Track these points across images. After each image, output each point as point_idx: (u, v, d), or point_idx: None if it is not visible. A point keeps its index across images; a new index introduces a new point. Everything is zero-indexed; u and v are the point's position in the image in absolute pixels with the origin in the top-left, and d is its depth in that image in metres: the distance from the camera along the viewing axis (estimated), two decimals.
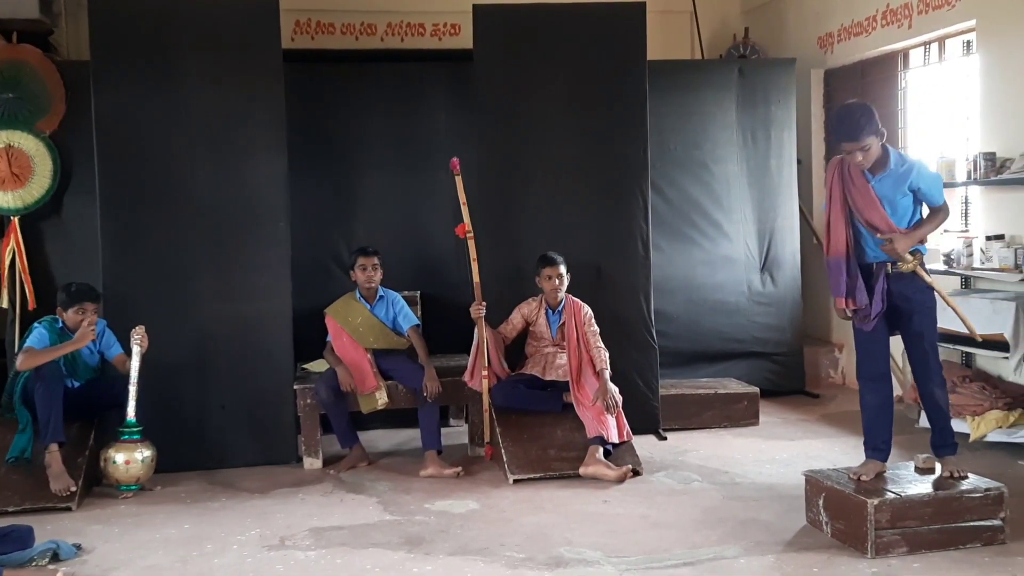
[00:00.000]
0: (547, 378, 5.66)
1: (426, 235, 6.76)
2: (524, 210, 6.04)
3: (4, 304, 6.29)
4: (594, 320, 5.64)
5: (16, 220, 6.27)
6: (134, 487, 5.13)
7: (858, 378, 4.54)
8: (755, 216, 7.20)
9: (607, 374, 5.45)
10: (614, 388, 5.43)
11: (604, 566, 3.99)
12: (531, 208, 6.04)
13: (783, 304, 7.25)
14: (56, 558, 4.17)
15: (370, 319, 5.71)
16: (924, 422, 5.26)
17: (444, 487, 5.17)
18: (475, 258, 5.57)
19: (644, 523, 4.51)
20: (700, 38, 8.56)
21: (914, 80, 7.03)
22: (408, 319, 5.79)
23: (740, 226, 7.17)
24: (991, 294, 5.68)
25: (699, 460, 5.57)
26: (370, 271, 5.70)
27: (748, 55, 8.25)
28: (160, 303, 5.54)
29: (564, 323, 5.65)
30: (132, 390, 5.13)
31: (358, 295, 5.76)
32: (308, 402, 5.63)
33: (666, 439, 6.05)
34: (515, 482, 5.16)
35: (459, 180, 5.58)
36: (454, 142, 6.43)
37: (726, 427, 6.30)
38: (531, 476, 5.20)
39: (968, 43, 6.34)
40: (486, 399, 5.60)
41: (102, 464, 5.12)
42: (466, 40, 6.56)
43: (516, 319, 5.76)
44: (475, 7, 6.01)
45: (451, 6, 7.83)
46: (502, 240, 5.96)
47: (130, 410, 5.13)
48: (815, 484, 4.35)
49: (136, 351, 5.15)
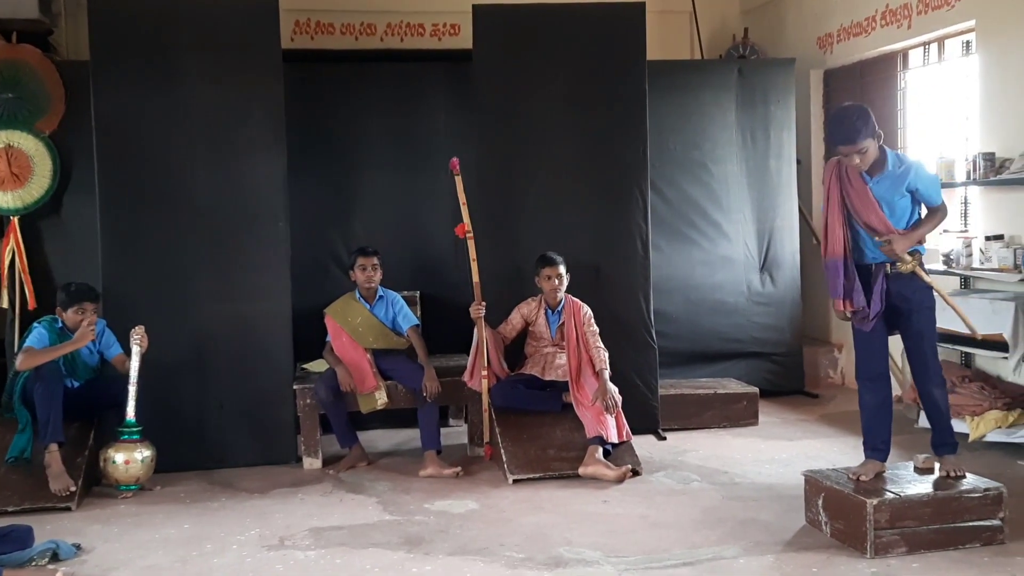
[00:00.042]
0: (546, 378, 5.66)
1: (426, 235, 6.77)
2: (524, 210, 6.04)
3: (4, 304, 6.29)
4: (593, 320, 5.64)
5: (16, 220, 6.27)
6: (133, 487, 5.13)
7: (857, 378, 4.54)
8: (754, 216, 7.20)
9: (606, 374, 5.45)
10: (613, 388, 5.43)
11: (603, 566, 3.99)
12: (531, 208, 6.04)
13: (782, 304, 7.25)
14: (56, 558, 4.17)
15: (370, 319, 5.71)
16: (923, 422, 5.27)
17: (443, 487, 5.17)
18: (475, 258, 5.57)
19: (643, 523, 4.51)
20: (699, 38, 8.56)
21: (913, 80, 7.02)
22: (407, 319, 5.79)
23: (739, 226, 7.17)
24: (990, 294, 5.68)
25: (698, 460, 5.57)
26: (370, 271, 5.70)
27: (747, 55, 8.25)
28: (159, 303, 5.54)
29: (563, 323, 5.65)
30: (132, 390, 5.13)
31: (358, 295, 5.76)
32: (308, 402, 5.63)
33: (665, 439, 6.05)
34: (514, 482, 5.16)
35: (459, 180, 5.58)
36: (454, 142, 6.43)
37: (725, 427, 6.30)
38: (530, 476, 5.20)
39: (967, 43, 6.33)
40: (485, 399, 5.60)
41: (102, 464, 5.12)
42: (466, 40, 6.56)
43: (515, 319, 5.76)
44: (475, 7, 6.01)
45: (451, 6, 7.83)
46: (502, 240, 5.96)
47: (130, 410, 5.13)
48: (814, 484, 4.35)
49: (136, 351, 5.15)
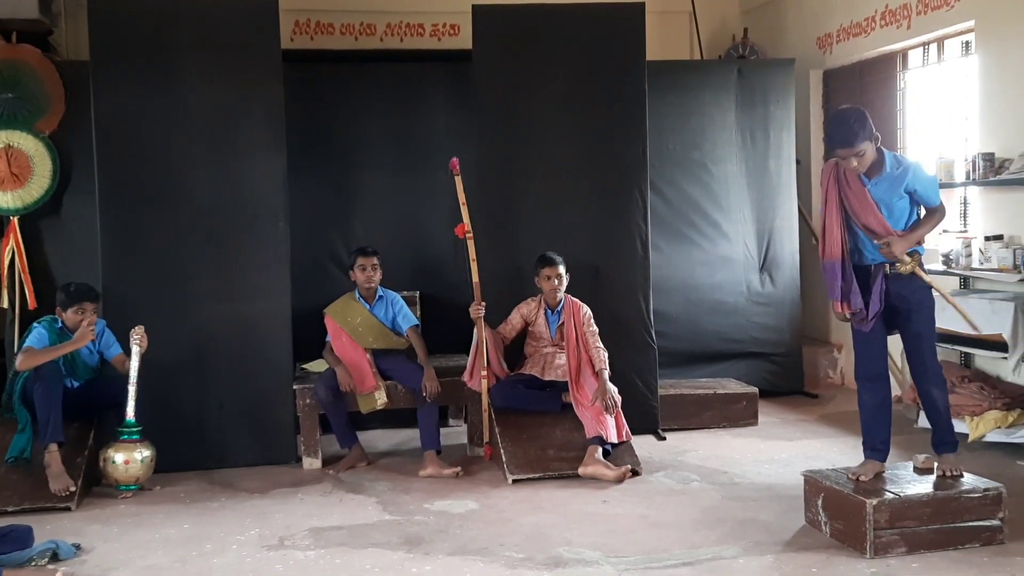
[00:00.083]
0: (546, 378, 5.66)
1: (425, 235, 6.77)
2: (523, 210, 6.04)
3: (4, 304, 6.29)
4: (593, 320, 5.64)
5: (15, 220, 6.27)
6: (133, 487, 5.13)
7: (856, 378, 4.54)
8: (754, 216, 7.20)
9: (606, 374, 5.45)
10: (613, 388, 5.43)
11: (603, 566, 3.99)
12: (530, 208, 6.04)
13: (782, 304, 7.25)
14: (55, 558, 4.17)
15: (369, 319, 5.71)
16: (923, 422, 5.27)
17: (443, 487, 5.17)
18: (474, 258, 5.57)
19: (643, 523, 4.51)
20: (699, 38, 8.56)
21: (913, 81, 7.02)
22: (407, 319, 5.79)
23: (739, 226, 7.17)
24: (990, 294, 5.68)
25: (698, 460, 5.57)
26: (369, 271, 5.70)
27: (747, 55, 8.25)
28: (159, 303, 5.54)
29: (563, 323, 5.65)
30: (131, 390, 5.13)
31: (357, 295, 5.76)
32: (307, 402, 5.63)
33: (665, 439, 6.05)
34: (514, 482, 5.16)
35: (458, 180, 5.58)
36: (453, 142, 6.43)
37: (725, 427, 6.30)
38: (530, 476, 5.20)
39: (967, 44, 6.33)
40: (485, 399, 5.60)
41: (101, 464, 5.12)
42: (465, 40, 6.56)
43: (515, 319, 5.76)
44: (474, 7, 6.01)
45: (450, 6, 7.84)
46: (501, 240, 5.96)
47: (129, 410, 5.13)
48: (814, 484, 4.35)
49: (135, 351, 5.15)
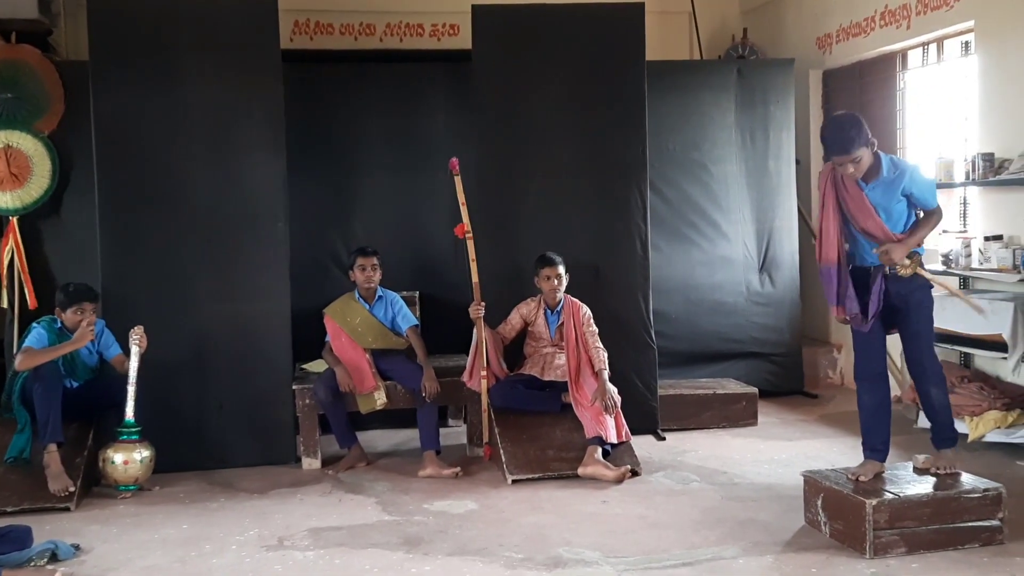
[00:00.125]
0: (546, 378, 5.66)
1: (425, 235, 6.77)
2: (523, 210, 6.04)
3: (3, 304, 6.29)
4: (593, 320, 5.64)
5: (15, 220, 6.27)
6: (132, 487, 5.13)
7: (856, 378, 4.54)
8: (754, 216, 7.20)
9: (605, 374, 5.45)
10: (613, 388, 5.43)
11: (603, 566, 3.99)
12: (530, 208, 6.04)
13: (781, 304, 7.25)
14: (54, 558, 4.17)
15: (369, 319, 5.71)
16: (923, 422, 5.28)
17: (443, 487, 5.17)
18: (474, 258, 5.57)
19: (643, 523, 4.51)
20: (699, 39, 8.56)
21: (913, 81, 7.03)
22: (407, 319, 5.78)
23: (739, 226, 7.17)
24: (989, 294, 5.68)
25: (698, 460, 5.57)
26: (369, 271, 5.70)
27: (747, 56, 8.25)
28: (159, 303, 5.53)
29: (563, 323, 5.65)
30: (131, 390, 5.13)
31: (357, 295, 5.76)
32: (307, 402, 5.63)
33: (665, 439, 6.05)
34: (514, 482, 5.16)
35: (458, 180, 5.58)
36: (453, 142, 6.43)
37: (725, 427, 6.30)
38: (530, 476, 5.19)
39: (967, 44, 6.33)
40: (485, 399, 5.60)
41: (100, 464, 5.12)
42: (465, 40, 6.56)
43: (515, 319, 5.76)
44: (474, 7, 6.01)
45: (450, 6, 7.84)
46: (501, 240, 5.96)
47: (129, 410, 5.13)
48: (813, 484, 4.35)
49: (135, 351, 5.15)
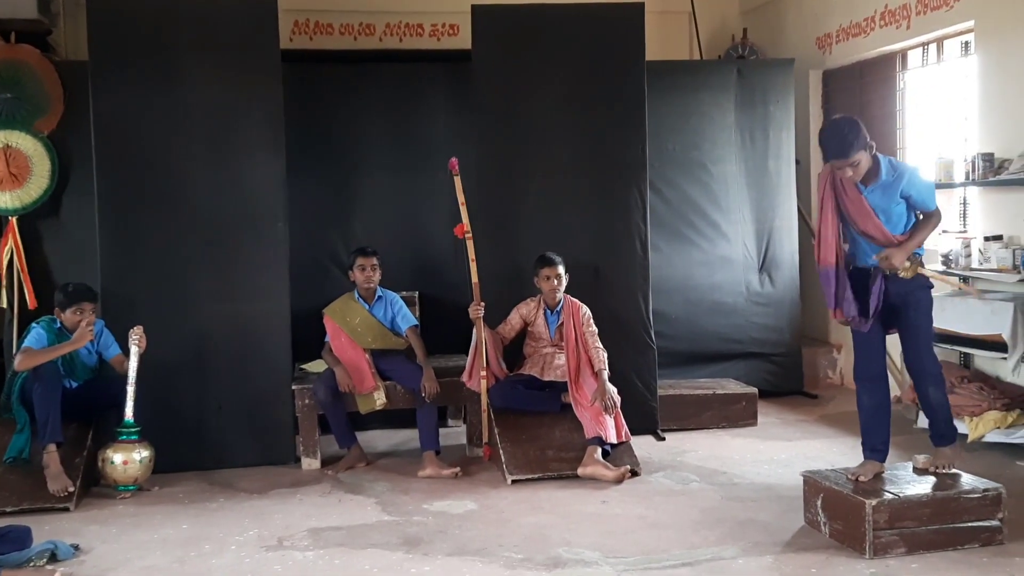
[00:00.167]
0: (545, 378, 5.66)
1: (425, 235, 6.76)
2: (523, 210, 6.04)
3: (3, 304, 6.28)
4: (592, 320, 5.63)
5: (14, 220, 6.26)
6: (132, 487, 5.13)
7: (855, 379, 4.54)
8: (753, 216, 7.19)
9: (605, 374, 5.45)
10: (612, 388, 5.43)
11: (602, 566, 3.99)
12: (530, 208, 6.04)
13: (781, 305, 7.24)
14: (54, 558, 4.16)
15: (368, 319, 5.71)
16: (923, 422, 5.27)
17: (442, 487, 5.17)
18: (474, 258, 5.57)
19: (642, 523, 4.51)
20: (699, 39, 8.56)
21: (912, 81, 7.02)
22: (406, 319, 5.78)
23: (738, 226, 7.17)
24: (989, 295, 5.68)
25: (697, 461, 5.57)
26: (369, 271, 5.70)
27: (747, 56, 8.25)
28: (158, 303, 5.53)
29: (562, 323, 5.64)
30: (130, 390, 5.13)
31: (356, 295, 5.76)
32: (306, 402, 5.63)
33: (664, 439, 6.05)
34: (513, 482, 5.16)
35: (458, 180, 5.57)
36: (453, 142, 6.43)
37: (724, 427, 6.29)
38: (529, 476, 5.19)
39: (966, 44, 6.33)
40: (484, 399, 5.60)
41: (100, 464, 5.12)
42: (465, 40, 6.56)
43: (514, 319, 5.76)
44: (474, 7, 6.01)
45: (450, 6, 7.83)
46: (501, 240, 5.96)
47: (128, 410, 5.13)
48: (813, 484, 4.35)
49: (134, 351, 5.15)
